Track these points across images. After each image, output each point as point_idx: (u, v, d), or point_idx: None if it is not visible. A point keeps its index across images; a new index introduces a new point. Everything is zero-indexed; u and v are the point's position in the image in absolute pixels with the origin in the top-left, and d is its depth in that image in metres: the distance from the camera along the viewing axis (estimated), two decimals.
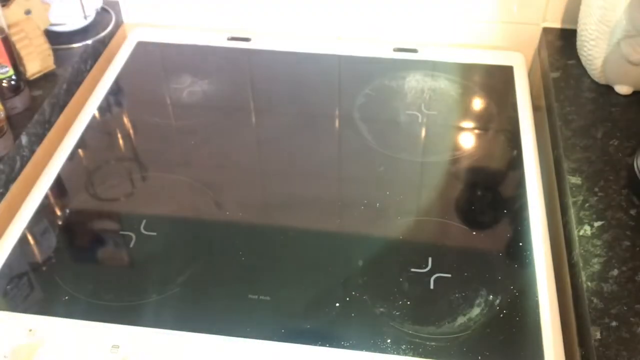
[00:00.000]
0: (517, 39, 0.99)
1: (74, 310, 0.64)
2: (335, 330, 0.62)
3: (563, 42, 0.94)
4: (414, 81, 0.93)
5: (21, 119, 0.81)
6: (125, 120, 0.88)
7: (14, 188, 0.78)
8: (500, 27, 0.98)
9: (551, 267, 0.68)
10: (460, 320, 0.63)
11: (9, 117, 0.79)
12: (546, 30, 0.96)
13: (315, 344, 0.61)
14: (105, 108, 0.89)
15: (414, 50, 0.98)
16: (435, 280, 0.66)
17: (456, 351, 0.60)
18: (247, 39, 1.01)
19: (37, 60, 0.86)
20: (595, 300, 0.60)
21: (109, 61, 0.98)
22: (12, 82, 0.81)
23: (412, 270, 0.67)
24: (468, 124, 0.88)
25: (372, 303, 0.64)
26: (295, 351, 0.60)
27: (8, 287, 0.66)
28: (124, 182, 0.79)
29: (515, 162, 0.80)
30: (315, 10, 1.00)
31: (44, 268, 0.69)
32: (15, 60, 0.81)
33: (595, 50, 0.84)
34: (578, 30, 0.88)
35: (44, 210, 0.75)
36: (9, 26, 0.81)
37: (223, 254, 0.70)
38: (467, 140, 0.85)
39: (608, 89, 0.85)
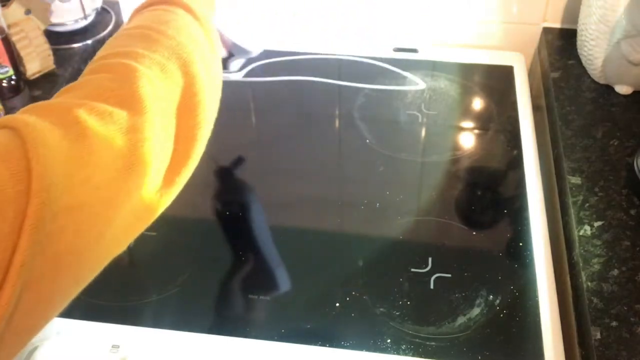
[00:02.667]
0: (517, 39, 0.99)
1: (74, 310, 0.64)
2: (335, 330, 0.62)
3: (563, 42, 0.94)
4: (414, 81, 0.93)
5: None
6: None
7: None
8: (500, 27, 0.98)
9: (551, 267, 0.68)
10: (460, 320, 0.63)
11: None
12: (546, 30, 0.96)
13: (315, 344, 0.61)
14: None
15: (414, 50, 0.98)
16: (435, 280, 0.66)
17: (456, 351, 0.60)
18: None
19: (37, 60, 0.86)
20: (595, 300, 0.60)
21: None
22: (12, 82, 0.81)
23: (412, 270, 0.67)
24: (468, 124, 0.88)
25: (372, 303, 0.64)
26: (295, 351, 0.60)
27: None
28: None
29: (515, 162, 0.80)
30: (315, 10, 1.00)
31: None
32: (15, 60, 0.81)
33: (595, 50, 0.83)
34: (578, 30, 0.88)
35: None
36: (9, 26, 0.81)
37: (223, 254, 0.70)
38: (467, 140, 0.85)
39: (608, 89, 0.85)
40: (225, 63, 0.69)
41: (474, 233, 0.72)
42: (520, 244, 0.70)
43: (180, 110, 0.43)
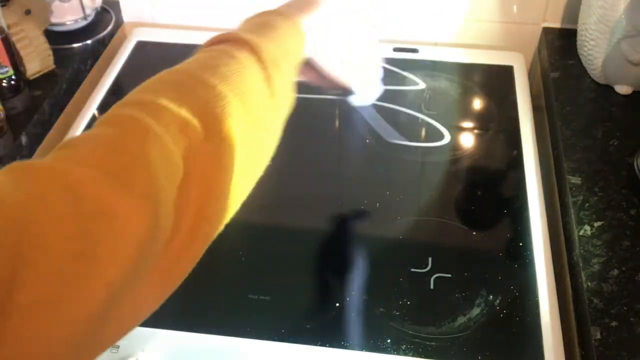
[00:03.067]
0: (517, 39, 0.99)
1: None
2: (335, 330, 0.62)
3: (563, 42, 0.94)
4: (414, 81, 0.93)
5: (21, 119, 0.81)
6: None
7: None
8: (500, 27, 0.98)
9: (551, 267, 0.68)
10: (460, 320, 0.63)
11: (9, 117, 0.79)
12: (546, 30, 0.96)
13: (315, 344, 0.61)
14: (105, 108, 0.89)
15: (414, 50, 0.98)
16: (435, 280, 0.66)
17: (456, 351, 0.60)
18: None
19: (37, 60, 0.86)
20: (595, 300, 0.60)
21: (109, 61, 0.98)
22: (12, 82, 0.81)
23: (412, 270, 0.67)
24: (468, 124, 0.88)
25: (372, 303, 0.64)
26: (295, 351, 0.60)
27: None
28: None
29: (515, 162, 0.80)
30: None
31: None
32: (15, 60, 0.81)
33: (595, 50, 0.83)
34: (578, 30, 0.88)
35: None
36: (9, 26, 0.81)
37: (223, 254, 0.70)
38: (467, 140, 0.85)
39: (608, 89, 0.85)
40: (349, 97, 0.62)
41: (474, 233, 0.72)
42: (520, 244, 0.70)
43: (193, 180, 0.36)
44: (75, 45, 0.95)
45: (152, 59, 0.99)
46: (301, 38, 0.50)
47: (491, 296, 0.65)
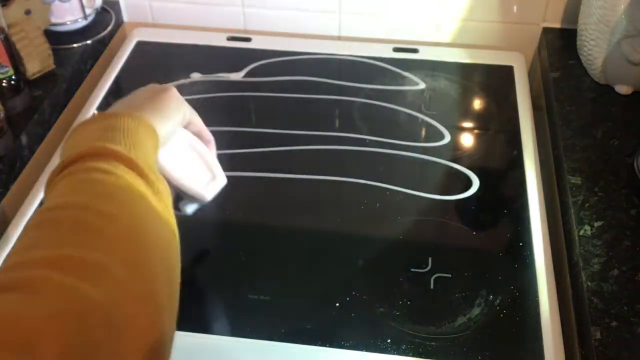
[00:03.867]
0: (517, 39, 0.99)
1: None
2: (335, 330, 0.62)
3: (563, 42, 0.94)
4: (414, 81, 0.93)
5: (21, 119, 0.81)
6: None
7: (14, 188, 0.78)
8: (500, 27, 0.98)
9: (551, 267, 0.68)
10: (460, 320, 0.63)
11: (9, 117, 0.79)
12: (546, 30, 0.96)
13: (315, 344, 0.61)
14: (105, 108, 0.89)
15: (414, 50, 0.98)
16: (435, 280, 0.66)
17: (456, 351, 0.60)
18: (247, 39, 1.01)
19: (37, 60, 0.86)
20: (595, 300, 0.60)
21: (109, 61, 0.98)
22: (12, 82, 0.81)
23: (412, 270, 0.67)
24: (468, 124, 0.88)
25: (372, 303, 0.64)
26: (295, 351, 0.60)
27: None
28: None
29: (515, 162, 0.80)
30: (315, 10, 1.00)
31: None
32: (15, 60, 0.81)
33: (595, 50, 0.84)
34: (578, 30, 0.88)
35: None
36: (9, 26, 0.81)
37: (223, 254, 0.70)
38: (467, 140, 0.85)
39: (608, 89, 0.85)
40: (175, 203, 0.60)
41: (474, 233, 0.72)
42: (520, 244, 0.70)
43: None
44: (75, 45, 0.95)
45: (152, 59, 0.99)
46: (156, 139, 0.51)
47: (491, 296, 0.65)
